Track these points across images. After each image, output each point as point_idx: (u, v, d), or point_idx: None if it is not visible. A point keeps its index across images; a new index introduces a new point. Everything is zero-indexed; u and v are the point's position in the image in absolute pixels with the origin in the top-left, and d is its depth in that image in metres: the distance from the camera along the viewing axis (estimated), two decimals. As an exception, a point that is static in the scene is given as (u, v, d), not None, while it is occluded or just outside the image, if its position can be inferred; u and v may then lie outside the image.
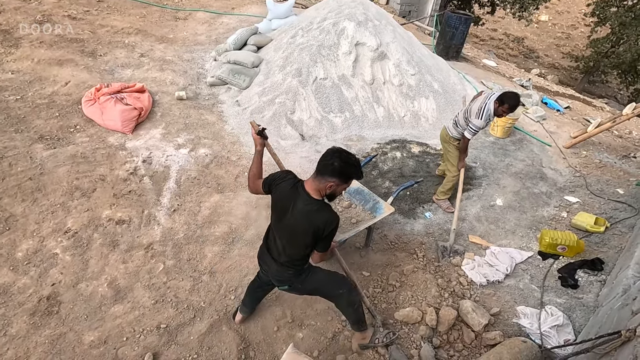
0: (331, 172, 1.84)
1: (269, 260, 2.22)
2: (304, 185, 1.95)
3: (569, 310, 2.95)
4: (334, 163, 1.83)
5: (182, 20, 7.17)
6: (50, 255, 3.05)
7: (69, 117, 4.37)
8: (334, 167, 1.83)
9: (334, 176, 1.84)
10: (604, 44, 12.57)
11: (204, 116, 4.81)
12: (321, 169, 1.87)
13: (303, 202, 1.92)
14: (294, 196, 1.95)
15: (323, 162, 1.87)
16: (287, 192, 1.99)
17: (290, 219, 1.98)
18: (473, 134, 3.58)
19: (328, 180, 1.86)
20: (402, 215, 3.90)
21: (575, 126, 6.04)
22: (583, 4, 19.05)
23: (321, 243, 1.99)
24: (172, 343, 2.64)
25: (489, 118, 3.52)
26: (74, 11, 6.46)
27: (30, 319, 2.66)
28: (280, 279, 2.24)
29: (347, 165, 1.85)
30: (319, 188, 1.90)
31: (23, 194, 3.44)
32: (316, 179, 1.90)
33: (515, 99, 3.38)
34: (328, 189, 1.88)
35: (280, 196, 2.02)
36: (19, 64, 5.01)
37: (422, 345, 2.64)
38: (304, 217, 1.91)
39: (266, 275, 2.33)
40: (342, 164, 1.84)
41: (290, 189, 1.98)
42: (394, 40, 5.45)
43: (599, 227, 3.72)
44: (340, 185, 1.90)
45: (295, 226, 1.97)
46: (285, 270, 2.18)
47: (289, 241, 2.07)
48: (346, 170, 1.86)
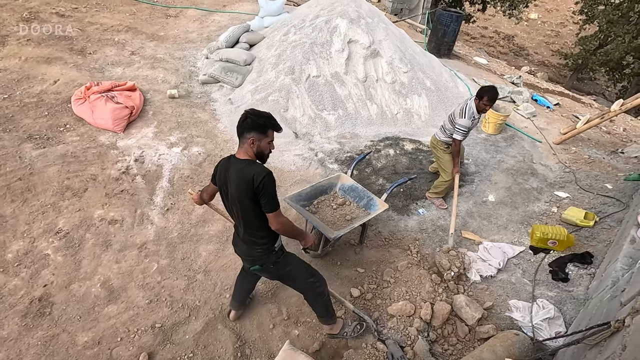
0: (247, 128, 1.95)
1: (238, 241, 2.26)
2: (233, 155, 2.06)
3: (559, 303, 3.01)
4: (246, 119, 1.95)
5: (172, 17, 7.10)
6: (42, 256, 3.01)
7: (59, 116, 4.30)
8: (247, 123, 1.95)
9: (251, 130, 1.95)
10: (592, 41, 12.76)
11: (197, 114, 4.77)
12: (238, 130, 1.99)
13: (238, 164, 1.99)
14: (229, 166, 2.03)
15: (238, 125, 1.99)
16: (222, 167, 2.08)
17: (231, 188, 2.02)
18: (462, 135, 3.61)
19: (247, 138, 1.96)
20: (396, 211, 3.93)
21: (564, 122, 6.12)
22: (572, 2, 19.29)
23: (262, 200, 1.93)
24: (167, 342, 2.63)
25: (473, 116, 3.58)
26: (62, 8, 6.35)
27: (22, 320, 2.62)
28: (250, 258, 2.24)
29: (258, 117, 1.97)
30: (247, 151, 1.99)
31: (12, 194, 3.38)
32: (240, 144, 2.01)
33: (491, 91, 3.46)
34: (251, 146, 1.97)
35: (219, 174, 2.10)
36: (6, 62, 4.92)
37: (417, 340, 2.66)
38: (236, 177, 1.96)
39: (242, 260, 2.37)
40: (252, 117, 1.95)
41: (225, 163, 2.08)
42: (386, 38, 5.46)
43: (589, 222, 3.78)
44: (262, 138, 1.98)
45: (236, 191, 1.98)
46: (252, 248, 2.17)
47: (240, 211, 2.05)
48: (258, 121, 1.96)
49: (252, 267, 2.27)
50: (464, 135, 3.63)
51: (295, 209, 3.10)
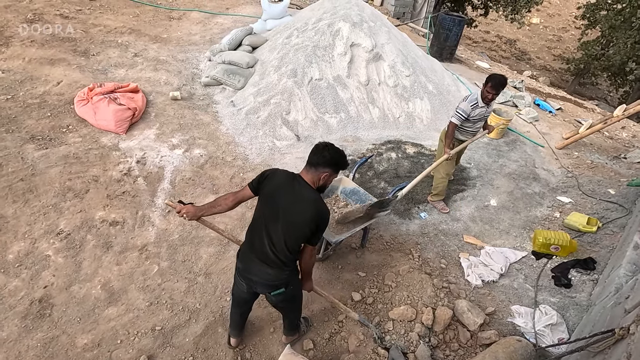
0: (325, 163, 1.96)
1: (257, 267, 2.07)
2: (301, 176, 2.01)
3: (562, 309, 2.98)
4: (326, 154, 1.96)
5: (176, 20, 7.12)
6: (42, 257, 3.01)
7: (61, 117, 4.31)
8: (327, 158, 1.96)
9: (328, 166, 1.98)
10: (594, 46, 12.76)
11: (199, 117, 4.78)
12: (315, 161, 1.98)
13: (307, 190, 1.97)
14: (295, 185, 1.98)
15: (317, 155, 1.98)
16: (284, 181, 2.01)
17: (295, 206, 1.95)
18: (458, 118, 3.51)
19: (322, 171, 1.97)
20: (397, 215, 3.92)
21: (567, 127, 6.12)
22: (574, 7, 19.35)
23: (317, 234, 2.02)
24: (167, 345, 2.62)
25: (476, 102, 3.47)
26: (65, 10, 6.38)
27: (22, 322, 2.61)
28: (275, 284, 2.10)
29: (339, 156, 2.01)
30: (314, 180, 1.99)
31: (14, 195, 3.38)
32: (310, 171, 1.99)
33: (497, 77, 3.34)
34: (322, 179, 2.00)
35: (278, 185, 2.01)
36: (10, 63, 4.93)
37: (419, 345, 2.64)
38: (310, 204, 1.95)
39: (250, 287, 2.18)
40: (334, 154, 1.99)
41: (288, 178, 2.02)
42: (388, 42, 5.47)
43: (591, 227, 3.77)
44: (332, 175, 2.03)
45: (301, 213, 1.95)
46: (281, 271, 2.06)
47: (290, 230, 1.97)
48: (338, 160, 2.01)
49: (273, 292, 2.13)
50: (461, 120, 3.52)
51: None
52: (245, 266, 2.13)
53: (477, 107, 3.51)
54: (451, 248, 3.64)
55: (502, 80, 3.35)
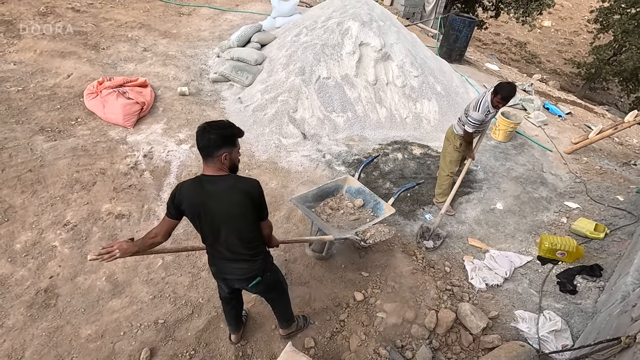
0: (216, 146, 1.78)
1: (227, 265, 2.05)
2: (204, 174, 1.85)
3: (567, 316, 2.95)
4: (211, 136, 1.77)
5: (185, 15, 7.15)
6: (49, 248, 3.04)
7: (71, 110, 4.35)
8: (215, 139, 1.77)
9: (221, 147, 1.79)
10: (606, 51, 12.59)
11: (206, 112, 4.79)
12: (206, 150, 1.79)
13: (218, 182, 1.83)
14: (204, 186, 1.83)
15: (202, 143, 1.79)
16: (194, 190, 1.84)
17: (220, 206, 1.84)
18: (473, 127, 3.53)
19: (219, 154, 1.79)
20: (402, 216, 3.90)
21: (576, 132, 6.04)
22: (586, 10, 19.08)
23: (260, 209, 1.93)
24: (169, 339, 2.64)
25: (488, 110, 3.46)
26: (77, 3, 6.44)
27: (27, 311, 2.65)
28: (250, 275, 2.07)
29: (224, 129, 1.82)
30: (218, 167, 1.83)
31: (23, 185, 3.42)
32: (208, 162, 1.82)
33: (507, 89, 3.31)
34: (225, 161, 1.82)
35: (190, 199, 1.83)
36: (21, 55, 4.99)
37: (420, 347, 2.63)
38: (230, 192, 1.83)
39: (229, 286, 2.20)
40: (219, 132, 1.79)
41: (195, 185, 1.85)
42: (397, 42, 5.44)
43: (599, 234, 3.72)
44: (232, 150, 1.85)
45: (229, 207, 1.84)
46: (252, 262, 2.04)
47: (232, 228, 1.90)
48: (226, 134, 1.81)
49: (251, 284, 2.10)
50: (475, 128, 3.55)
51: (301, 209, 3.09)
52: (217, 269, 2.11)
53: (489, 114, 3.54)
54: (455, 251, 3.61)
55: (512, 91, 3.34)
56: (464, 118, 3.64)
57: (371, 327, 2.81)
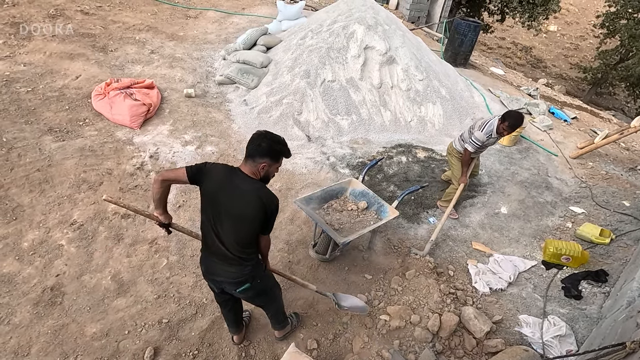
0: (261, 153, 1.86)
1: (218, 266, 2.04)
2: (240, 169, 1.92)
3: (571, 321, 2.93)
4: (262, 144, 1.86)
5: (192, 18, 7.22)
6: (56, 247, 3.07)
7: (79, 111, 4.40)
8: (263, 148, 1.86)
9: (265, 156, 1.87)
10: (613, 56, 12.54)
11: (212, 114, 4.83)
12: (251, 152, 1.88)
13: (247, 183, 1.89)
14: (235, 179, 1.89)
15: (252, 145, 1.88)
16: (223, 177, 1.91)
17: (237, 202, 1.88)
18: (473, 147, 3.55)
19: (259, 162, 1.87)
20: (406, 219, 3.90)
21: (582, 137, 6.02)
22: (593, 15, 19.04)
23: (268, 224, 1.97)
24: (173, 338, 2.65)
25: (491, 134, 3.49)
26: (86, 6, 6.52)
27: (34, 308, 2.67)
28: (239, 279, 2.06)
29: (276, 144, 1.90)
30: (254, 171, 1.90)
31: (31, 184, 3.47)
32: (248, 163, 1.89)
33: (515, 117, 3.35)
34: (261, 170, 1.89)
35: (217, 182, 1.91)
36: (31, 56, 5.06)
37: (423, 350, 2.63)
38: (252, 195, 1.88)
39: (218, 287, 2.18)
40: (270, 144, 1.88)
41: (227, 173, 1.91)
42: (403, 45, 5.46)
43: (604, 239, 3.70)
44: (272, 164, 1.92)
45: (245, 207, 1.88)
46: (242, 266, 2.03)
47: (238, 227, 1.93)
48: (275, 148, 1.89)
49: (239, 289, 2.09)
50: (475, 148, 3.56)
51: (305, 211, 3.11)
52: (206, 268, 2.11)
53: (490, 137, 3.54)
54: (459, 254, 3.61)
55: (520, 120, 3.36)
56: (467, 136, 3.66)
57: (374, 330, 2.81)
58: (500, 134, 3.49)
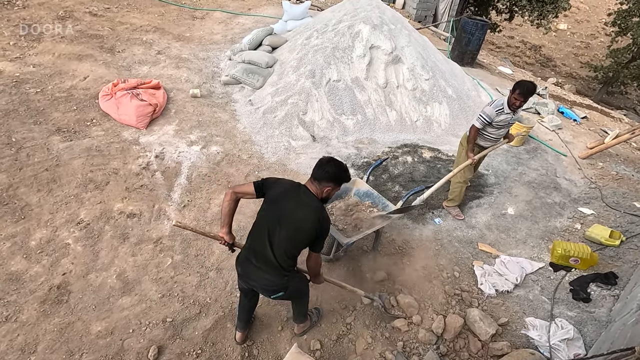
0: (328, 178, 2.06)
1: (256, 272, 2.15)
2: (306, 185, 2.10)
3: (580, 324, 2.88)
4: (330, 170, 2.06)
5: (199, 19, 7.26)
6: (63, 245, 3.11)
7: (86, 111, 4.45)
8: (331, 174, 2.06)
9: (330, 181, 2.07)
10: (625, 54, 12.31)
11: (217, 114, 4.85)
12: (319, 176, 2.06)
13: (311, 199, 2.06)
14: (300, 192, 2.07)
15: (320, 171, 2.07)
16: (290, 188, 2.09)
17: (298, 212, 2.03)
18: (480, 122, 3.44)
19: (325, 185, 2.07)
20: (411, 220, 3.87)
21: (592, 137, 5.91)
22: (604, 13, 18.72)
23: (318, 242, 2.11)
24: (177, 337, 2.66)
25: (502, 109, 3.38)
26: (94, 8, 6.60)
27: (41, 306, 2.71)
28: (274, 288, 2.18)
29: (341, 172, 2.10)
30: (317, 192, 2.08)
31: (39, 184, 3.51)
32: (314, 184, 2.08)
33: (525, 85, 3.21)
34: (325, 192, 2.09)
35: (283, 191, 2.08)
36: (41, 57, 5.13)
37: (427, 352, 2.60)
38: (313, 212, 2.02)
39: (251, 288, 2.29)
40: (337, 170, 2.08)
41: (293, 186, 2.10)
42: (408, 45, 5.42)
43: (614, 241, 3.62)
44: (335, 188, 2.12)
45: (304, 220, 2.02)
46: (280, 275, 2.14)
47: (292, 236, 2.04)
48: (340, 175, 2.10)
49: (273, 296, 2.24)
50: (482, 123, 3.44)
51: (310, 211, 3.09)
52: (244, 271, 2.21)
53: (502, 113, 3.42)
54: (465, 255, 3.57)
55: (531, 87, 3.24)
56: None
57: (377, 331, 2.79)
58: (513, 106, 3.35)
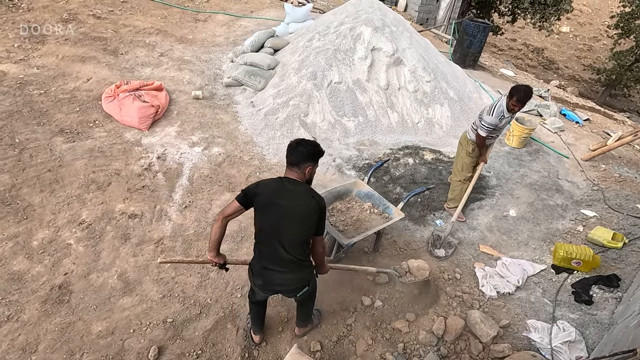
0: (304, 159, 2.07)
1: (279, 276, 2.13)
2: (287, 177, 2.09)
3: (582, 327, 2.86)
4: (303, 150, 2.06)
5: (202, 21, 7.30)
6: (64, 246, 3.12)
7: (89, 112, 4.48)
8: (305, 153, 2.06)
9: (308, 160, 2.08)
10: (628, 57, 12.27)
11: (219, 116, 4.87)
12: (295, 160, 2.07)
13: (299, 186, 2.06)
14: (287, 185, 2.05)
15: (294, 154, 2.07)
16: (275, 186, 2.07)
17: (296, 203, 2.02)
18: (486, 131, 3.49)
19: (305, 166, 2.07)
20: (412, 221, 3.86)
21: (594, 139, 5.89)
22: (606, 16, 18.68)
23: (321, 223, 2.09)
24: (177, 338, 2.67)
25: (502, 114, 3.42)
26: (98, 10, 6.65)
27: (42, 306, 2.72)
28: (299, 285, 2.20)
29: (314, 148, 2.10)
30: (300, 176, 2.08)
31: (42, 184, 3.53)
32: (293, 170, 2.08)
33: (522, 91, 3.25)
34: (307, 173, 2.10)
35: (270, 192, 2.05)
36: (44, 59, 5.17)
37: (427, 354, 2.59)
38: (307, 196, 2.04)
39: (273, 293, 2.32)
40: (310, 148, 2.08)
41: (276, 182, 2.09)
42: (410, 47, 5.43)
43: (617, 243, 3.60)
44: (314, 166, 2.13)
45: (304, 206, 2.02)
46: (302, 269, 2.15)
47: (297, 227, 2.03)
48: (315, 151, 2.10)
49: (299, 294, 2.23)
50: (488, 132, 3.50)
51: (310, 212, 3.09)
52: (266, 281, 2.18)
53: (503, 119, 3.49)
54: (466, 257, 3.56)
55: (528, 92, 3.28)
56: (478, 122, 3.60)
57: (378, 332, 2.79)
58: (512, 111, 3.40)
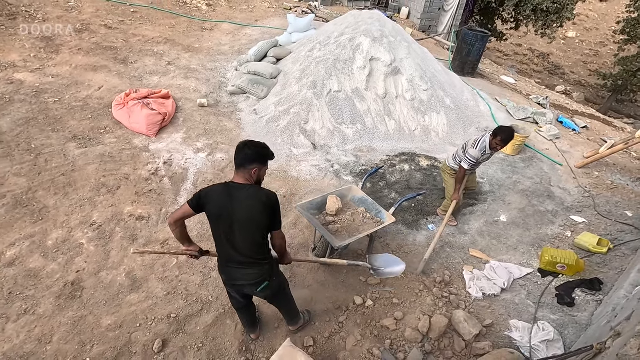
0: (250, 160, 2.06)
1: (239, 272, 2.23)
2: (233, 182, 2.11)
3: (561, 327, 3.00)
4: (248, 152, 2.06)
5: (208, 31, 7.57)
6: (77, 245, 3.35)
7: (100, 119, 4.74)
8: (250, 155, 2.06)
9: (253, 162, 2.07)
10: (634, 62, 12.27)
11: (223, 123, 5.10)
12: (241, 162, 2.07)
13: (244, 189, 2.07)
14: (231, 192, 2.07)
15: (240, 155, 2.07)
16: (222, 191, 2.09)
17: (243, 209, 2.05)
18: (469, 164, 3.64)
19: (250, 168, 2.06)
20: (405, 225, 4.03)
21: (590, 146, 6.00)
22: (613, 21, 18.65)
23: (275, 219, 2.15)
24: (180, 332, 2.87)
25: (485, 150, 3.59)
26: (110, 21, 6.96)
27: (56, 301, 2.94)
28: (259, 279, 2.26)
29: (261, 149, 2.10)
30: (247, 178, 2.09)
31: (56, 188, 3.78)
32: (239, 172, 2.09)
33: (506, 132, 3.45)
34: (254, 175, 2.09)
35: (217, 199, 2.08)
36: (59, 68, 5.46)
37: (412, 350, 2.75)
38: (252, 199, 2.06)
39: (239, 292, 2.41)
40: (256, 150, 2.08)
41: (223, 189, 2.09)
42: (408, 56, 5.62)
43: (602, 248, 3.73)
44: (262, 168, 2.13)
45: (249, 211, 2.05)
46: (260, 266, 2.23)
47: (247, 232, 2.10)
48: (261, 153, 2.10)
49: (259, 289, 2.30)
50: (471, 165, 3.66)
51: (306, 216, 3.29)
52: (227, 276, 2.31)
53: (485, 154, 3.65)
54: (456, 260, 3.71)
55: (511, 135, 3.47)
56: (461, 154, 3.75)
57: (367, 329, 2.96)
58: (494, 149, 3.59)
